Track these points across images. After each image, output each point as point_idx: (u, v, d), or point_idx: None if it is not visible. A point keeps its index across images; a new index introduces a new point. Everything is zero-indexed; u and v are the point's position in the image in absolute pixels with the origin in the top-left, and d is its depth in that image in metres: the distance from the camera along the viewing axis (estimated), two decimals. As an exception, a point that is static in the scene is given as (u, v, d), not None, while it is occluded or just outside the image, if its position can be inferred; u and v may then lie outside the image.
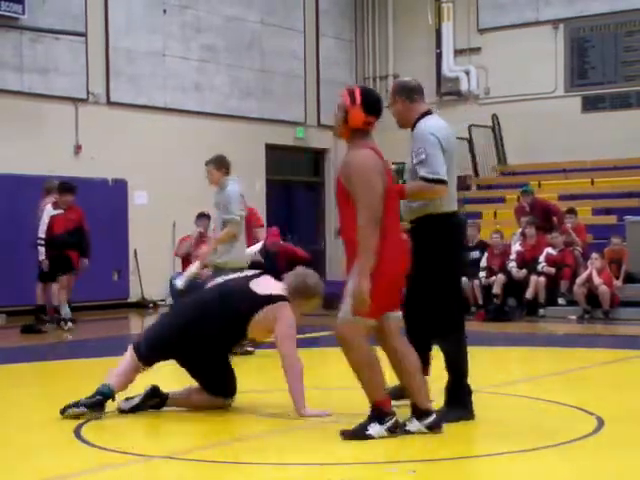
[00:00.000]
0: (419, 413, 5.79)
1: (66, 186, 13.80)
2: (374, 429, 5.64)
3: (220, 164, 10.06)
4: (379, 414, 5.67)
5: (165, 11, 18.30)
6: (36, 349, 11.10)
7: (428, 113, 6.38)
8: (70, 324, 13.47)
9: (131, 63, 17.68)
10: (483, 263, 15.22)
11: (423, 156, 6.11)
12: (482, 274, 15.11)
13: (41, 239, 13.51)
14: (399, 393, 6.20)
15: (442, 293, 6.24)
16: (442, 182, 6.11)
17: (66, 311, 13.59)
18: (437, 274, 6.21)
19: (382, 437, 5.62)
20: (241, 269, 9.06)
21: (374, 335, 5.83)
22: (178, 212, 17.17)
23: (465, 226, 6.54)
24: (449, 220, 6.28)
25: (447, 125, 6.40)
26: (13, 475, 5.10)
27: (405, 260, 5.77)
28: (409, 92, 6.38)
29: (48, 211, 13.59)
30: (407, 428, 5.76)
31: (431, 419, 5.77)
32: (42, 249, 13.51)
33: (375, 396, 5.70)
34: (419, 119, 6.31)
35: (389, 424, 5.67)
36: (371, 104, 5.75)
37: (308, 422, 6.29)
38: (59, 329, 13.49)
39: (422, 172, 6.11)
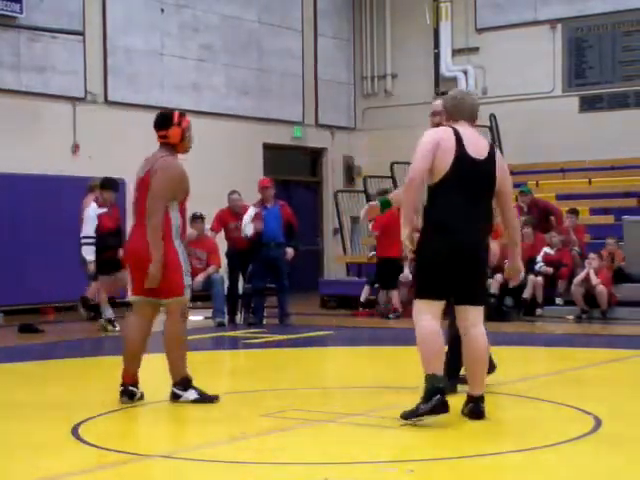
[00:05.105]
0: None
1: (109, 182, 12.71)
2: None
3: None
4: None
5: (163, 10, 18.30)
6: (34, 348, 11.09)
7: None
8: (115, 325, 12.52)
9: (129, 62, 17.67)
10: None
11: None
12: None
13: (89, 238, 12.39)
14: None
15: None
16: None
17: (110, 312, 12.63)
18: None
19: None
20: None
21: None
22: (176, 211, 17.14)
23: None
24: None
25: None
26: (13, 475, 5.10)
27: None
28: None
29: (94, 209, 12.49)
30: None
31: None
32: (91, 249, 12.37)
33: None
34: None
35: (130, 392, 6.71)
36: None
37: (308, 422, 6.30)
38: (102, 328, 12.64)
39: None
